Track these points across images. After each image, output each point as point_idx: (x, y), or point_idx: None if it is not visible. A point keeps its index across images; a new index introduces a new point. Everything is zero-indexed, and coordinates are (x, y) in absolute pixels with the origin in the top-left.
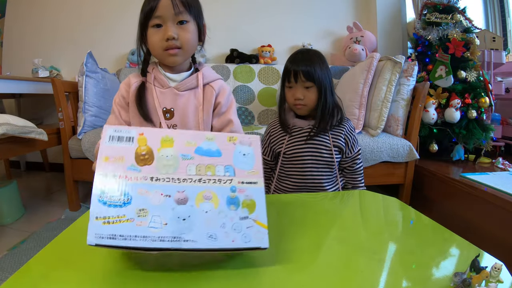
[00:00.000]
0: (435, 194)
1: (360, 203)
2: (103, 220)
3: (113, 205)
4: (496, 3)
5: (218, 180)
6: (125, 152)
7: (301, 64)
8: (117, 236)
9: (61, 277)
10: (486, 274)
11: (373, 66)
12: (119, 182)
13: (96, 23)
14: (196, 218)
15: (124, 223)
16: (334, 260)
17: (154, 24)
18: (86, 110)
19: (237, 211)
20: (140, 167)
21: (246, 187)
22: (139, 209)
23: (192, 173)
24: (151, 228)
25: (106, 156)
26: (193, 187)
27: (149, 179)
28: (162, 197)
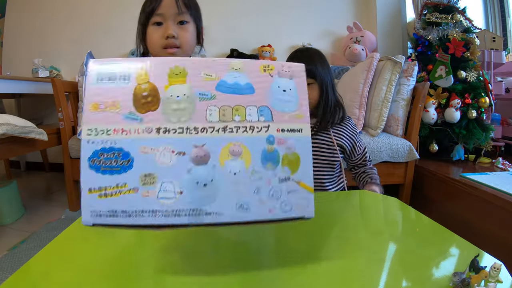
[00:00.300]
0: (435, 194)
1: (360, 203)
2: (98, 193)
3: (109, 171)
4: (496, 3)
5: (250, 127)
6: (120, 94)
7: (301, 62)
8: (119, 213)
9: (61, 276)
10: (485, 274)
11: (373, 66)
12: (114, 138)
13: (96, 23)
14: (221, 183)
15: (125, 195)
16: (334, 259)
17: (155, 22)
18: None
19: (276, 170)
20: (141, 114)
21: (288, 137)
22: (144, 174)
23: (214, 119)
24: (161, 199)
25: (94, 103)
26: (215, 139)
27: (155, 131)
28: (174, 156)
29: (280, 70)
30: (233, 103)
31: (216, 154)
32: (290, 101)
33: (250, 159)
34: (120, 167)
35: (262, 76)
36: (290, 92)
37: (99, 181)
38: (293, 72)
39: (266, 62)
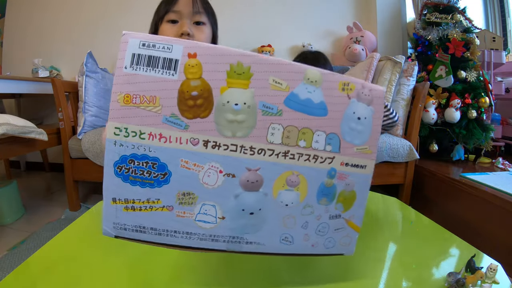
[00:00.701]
0: (435, 194)
1: None
2: (124, 205)
3: (140, 183)
4: (496, 3)
5: (313, 156)
6: (161, 89)
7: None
8: (147, 229)
9: (60, 273)
10: (481, 275)
11: (373, 66)
12: (150, 144)
13: (96, 23)
14: (269, 213)
15: (157, 212)
16: (332, 259)
17: (170, 19)
18: (86, 110)
19: (329, 206)
20: (187, 120)
21: (350, 172)
22: (183, 192)
23: (276, 141)
24: (199, 222)
25: (126, 95)
26: (273, 165)
27: (202, 143)
28: (222, 176)
29: (359, 92)
30: (301, 125)
31: (270, 182)
32: (362, 132)
33: (307, 191)
34: (154, 180)
35: (339, 97)
36: (364, 122)
37: (127, 193)
38: (373, 97)
39: (346, 78)
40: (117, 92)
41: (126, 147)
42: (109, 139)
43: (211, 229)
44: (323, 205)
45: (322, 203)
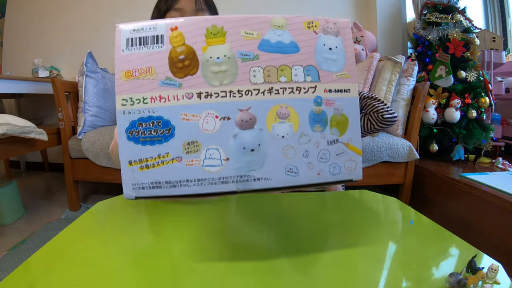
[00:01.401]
0: (435, 194)
1: (360, 203)
2: (139, 165)
3: (149, 142)
4: (496, 3)
5: (296, 88)
6: (154, 60)
7: None
8: (163, 184)
9: (61, 272)
10: (482, 275)
11: (373, 66)
12: (152, 106)
13: (96, 23)
14: (268, 147)
15: (168, 165)
16: (332, 259)
17: (172, 16)
18: (86, 110)
19: (324, 132)
20: (179, 79)
21: (336, 97)
22: (188, 142)
23: (258, 81)
24: (207, 167)
25: (126, 71)
26: (261, 102)
27: (195, 96)
28: (218, 121)
29: (325, 26)
30: (278, 63)
31: (262, 118)
32: (337, 60)
33: (298, 121)
34: (161, 136)
35: (307, 34)
36: (336, 51)
37: (140, 153)
38: (339, 28)
39: (310, 18)
40: (119, 71)
41: (133, 113)
42: (119, 110)
43: (218, 172)
44: (318, 132)
45: (316, 129)
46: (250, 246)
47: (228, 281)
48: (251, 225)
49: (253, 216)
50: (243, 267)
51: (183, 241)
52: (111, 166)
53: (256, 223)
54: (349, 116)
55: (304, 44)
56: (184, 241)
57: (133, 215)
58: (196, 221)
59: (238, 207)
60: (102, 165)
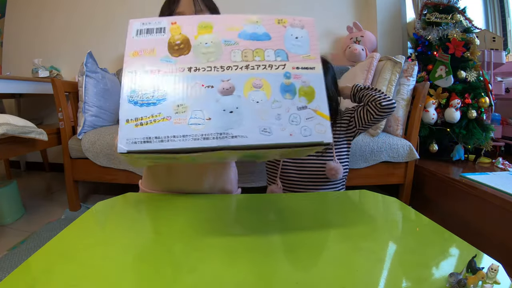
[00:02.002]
0: (435, 194)
1: (360, 203)
2: (135, 123)
3: (145, 104)
4: (496, 3)
5: (268, 65)
6: (157, 43)
7: None
8: (152, 139)
9: (61, 272)
10: (482, 275)
11: (373, 66)
12: (151, 77)
13: (96, 23)
14: (245, 110)
15: (159, 123)
16: (332, 259)
17: None
18: (86, 110)
19: (294, 100)
20: (175, 57)
21: (303, 73)
22: (177, 104)
23: (237, 59)
24: (192, 125)
25: (134, 51)
26: (239, 75)
27: (187, 70)
28: (204, 89)
29: (292, 22)
30: (253, 47)
31: (240, 87)
32: (302, 46)
33: (270, 90)
34: (156, 100)
35: (277, 27)
36: (302, 39)
37: (136, 113)
38: (304, 23)
39: (280, 16)
40: (128, 53)
41: (135, 80)
42: (124, 80)
43: (201, 129)
44: (289, 99)
45: (287, 97)
46: (250, 246)
47: (228, 281)
48: (251, 225)
49: (253, 216)
50: (243, 266)
51: (184, 241)
52: (111, 166)
53: (256, 223)
54: (316, 88)
55: (275, 34)
56: (184, 241)
57: (133, 215)
58: (196, 220)
59: (239, 207)
60: (102, 165)
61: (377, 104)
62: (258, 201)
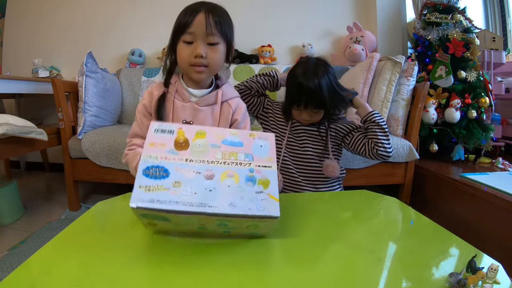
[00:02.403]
0: (435, 194)
1: (360, 203)
2: (145, 188)
3: (154, 177)
4: (496, 3)
5: (239, 163)
6: (167, 140)
7: (311, 96)
8: (155, 200)
9: (61, 272)
10: (482, 275)
11: (373, 66)
12: (160, 161)
13: (96, 23)
14: (220, 190)
15: (161, 191)
16: (332, 259)
17: (186, 40)
18: (86, 110)
19: (254, 187)
20: (178, 151)
21: (262, 169)
22: (175, 181)
23: (219, 158)
24: (183, 195)
25: (151, 142)
26: (219, 167)
27: (184, 160)
28: (194, 173)
29: (259, 135)
30: (230, 150)
31: (218, 175)
32: (265, 151)
33: (238, 179)
34: (161, 176)
35: (248, 138)
36: (264, 147)
37: (147, 182)
38: (268, 137)
39: (251, 132)
40: (148, 141)
41: (150, 162)
42: (142, 160)
43: (189, 198)
44: (250, 186)
45: (249, 185)
46: (250, 246)
47: (229, 280)
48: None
49: None
50: (243, 266)
51: (184, 240)
52: (111, 166)
53: None
54: (270, 180)
55: (246, 143)
56: (184, 240)
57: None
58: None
59: None
60: (102, 165)
61: (374, 146)
62: None
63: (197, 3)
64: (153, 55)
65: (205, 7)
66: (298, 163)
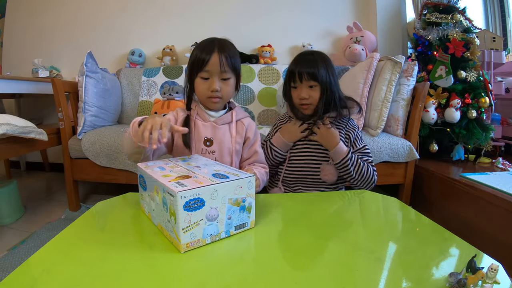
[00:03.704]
0: (435, 194)
1: (360, 203)
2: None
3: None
4: (496, 3)
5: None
6: None
7: (305, 65)
8: None
9: (61, 272)
10: (482, 275)
11: (373, 66)
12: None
13: (96, 23)
14: None
15: None
16: (332, 259)
17: (203, 76)
18: (86, 110)
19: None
20: None
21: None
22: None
23: None
24: None
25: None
26: None
27: None
28: None
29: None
30: None
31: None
32: None
33: None
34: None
35: None
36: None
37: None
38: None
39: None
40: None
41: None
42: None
43: None
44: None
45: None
46: (250, 246)
47: (229, 280)
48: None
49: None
50: (243, 266)
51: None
52: (111, 166)
53: (256, 222)
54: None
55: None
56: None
57: (133, 215)
58: None
59: None
60: (102, 165)
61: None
62: (258, 201)
63: (210, 42)
64: (153, 55)
65: (217, 46)
66: (301, 170)
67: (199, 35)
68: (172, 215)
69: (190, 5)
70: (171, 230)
